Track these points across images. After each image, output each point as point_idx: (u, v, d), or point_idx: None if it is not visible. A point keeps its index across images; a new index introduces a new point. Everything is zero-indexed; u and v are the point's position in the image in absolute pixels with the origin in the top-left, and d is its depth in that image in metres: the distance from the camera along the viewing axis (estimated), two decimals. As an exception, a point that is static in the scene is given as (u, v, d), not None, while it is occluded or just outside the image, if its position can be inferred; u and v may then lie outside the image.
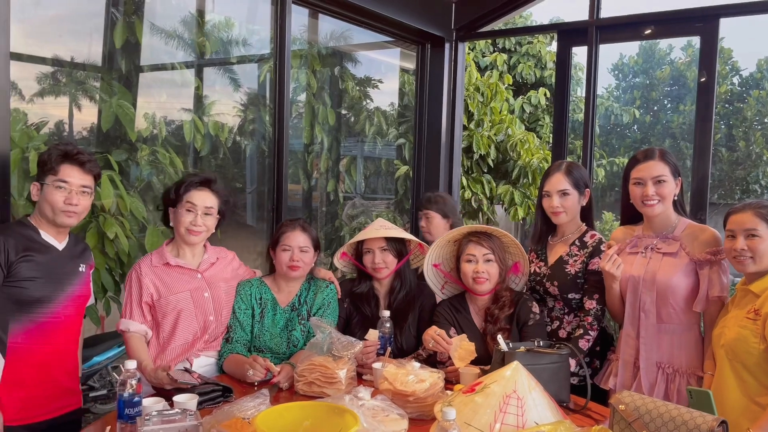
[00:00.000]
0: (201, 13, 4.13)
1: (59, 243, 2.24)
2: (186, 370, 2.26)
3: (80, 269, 2.29)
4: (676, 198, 2.41)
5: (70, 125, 3.61)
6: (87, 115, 3.61)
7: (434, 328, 2.43)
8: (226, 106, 4.36)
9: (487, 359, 2.35)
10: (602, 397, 2.48)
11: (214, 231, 2.55)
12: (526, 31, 8.74)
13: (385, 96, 5.64)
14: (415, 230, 3.77)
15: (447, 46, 4.66)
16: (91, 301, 2.48)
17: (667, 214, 2.42)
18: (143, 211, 3.42)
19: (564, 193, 2.61)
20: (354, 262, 2.81)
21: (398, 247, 2.75)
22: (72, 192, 2.17)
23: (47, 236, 2.20)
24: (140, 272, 2.45)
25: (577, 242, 2.64)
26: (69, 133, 3.63)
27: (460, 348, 2.34)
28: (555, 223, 2.70)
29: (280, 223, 2.74)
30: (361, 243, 2.77)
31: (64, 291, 2.21)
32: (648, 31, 4.15)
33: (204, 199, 2.46)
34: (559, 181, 2.62)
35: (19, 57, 3.21)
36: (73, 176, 2.18)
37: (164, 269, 2.46)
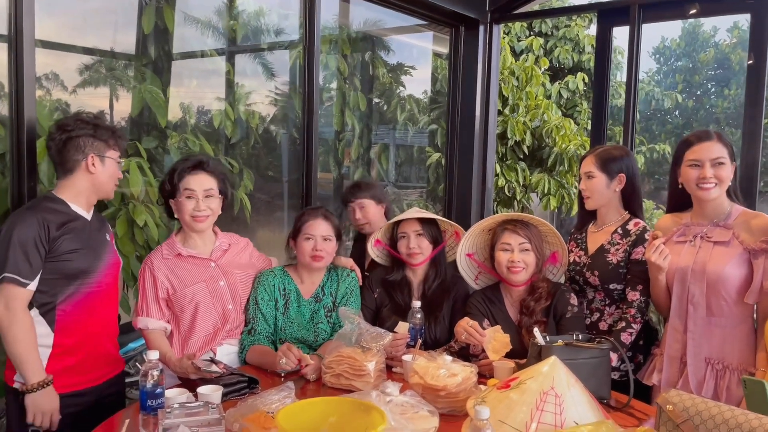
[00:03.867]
0: (231, -1, 4.09)
1: (88, 213, 2.24)
2: (212, 360, 2.22)
3: (107, 238, 2.31)
4: (731, 183, 2.26)
5: (111, 115, 3.61)
6: (123, 105, 3.61)
7: (466, 319, 2.33)
8: (257, 93, 4.32)
9: (523, 353, 2.25)
10: (645, 393, 2.36)
11: (219, 212, 2.47)
12: (563, 12, 8.47)
13: (418, 81, 5.53)
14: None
15: (481, 28, 4.51)
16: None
17: (721, 200, 2.26)
18: (173, 198, 3.40)
19: (589, 176, 2.52)
20: (388, 249, 2.73)
21: (434, 233, 2.66)
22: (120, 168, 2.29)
23: (77, 208, 2.20)
24: (153, 267, 2.38)
25: (619, 230, 2.51)
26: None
27: (494, 340, 2.25)
28: (587, 209, 2.61)
29: (300, 212, 2.67)
30: (395, 229, 2.69)
31: (102, 260, 2.23)
32: (694, 10, 3.94)
33: (201, 183, 2.38)
34: (586, 164, 2.55)
35: (51, 46, 3.21)
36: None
37: (176, 261, 2.40)
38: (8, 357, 2.07)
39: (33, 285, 2.06)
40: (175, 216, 2.45)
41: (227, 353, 2.43)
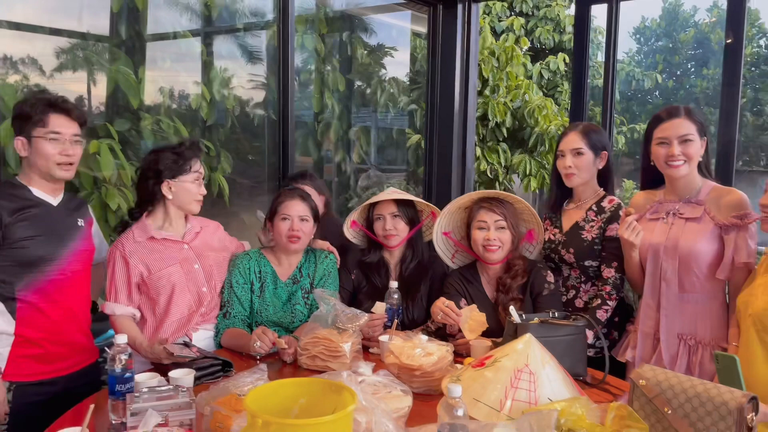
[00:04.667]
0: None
1: (54, 199, 2.16)
2: (185, 343, 2.19)
3: (79, 224, 2.22)
4: (701, 159, 2.26)
5: (89, 99, 3.53)
6: (96, 87, 3.52)
7: (442, 299, 2.33)
8: (233, 75, 4.24)
9: (499, 331, 2.25)
10: (619, 369, 2.37)
11: None
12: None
13: (396, 62, 5.47)
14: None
15: (460, 7, 4.46)
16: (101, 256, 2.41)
17: (692, 177, 2.27)
18: (146, 181, 3.34)
19: (578, 153, 2.48)
20: (365, 230, 2.71)
21: (410, 214, 2.64)
22: (66, 143, 2.09)
23: (39, 193, 2.12)
24: (124, 252, 2.32)
25: (594, 207, 2.51)
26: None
27: (471, 319, 2.24)
28: (569, 186, 2.56)
29: (277, 193, 2.64)
30: (371, 211, 2.66)
31: (67, 247, 2.14)
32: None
33: (200, 166, 2.40)
34: (573, 140, 2.50)
35: (18, 27, 3.12)
36: (64, 126, 2.09)
37: (149, 244, 2.35)
38: None
39: None
40: (168, 197, 2.35)
41: (203, 338, 2.40)
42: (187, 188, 2.36)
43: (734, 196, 2.21)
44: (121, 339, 1.74)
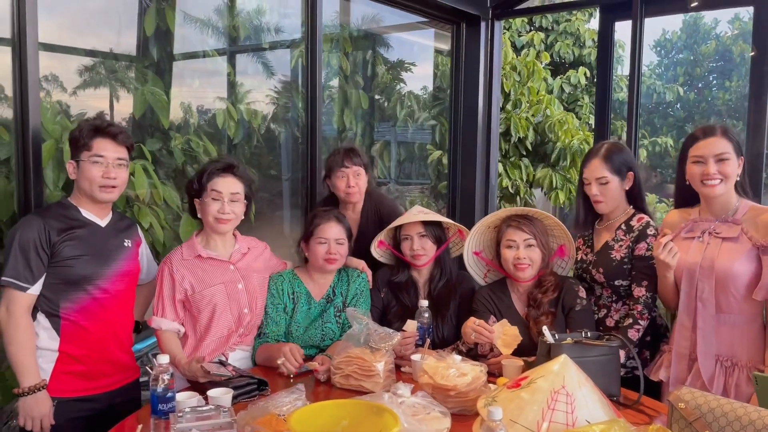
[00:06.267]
0: (232, -1, 4.08)
1: (101, 220, 2.23)
2: (221, 362, 2.22)
3: (125, 244, 2.28)
4: (738, 178, 2.25)
5: (111, 116, 3.60)
6: (125, 106, 3.60)
7: (472, 319, 2.33)
8: (259, 93, 4.30)
9: (531, 347, 2.24)
10: (652, 389, 2.35)
11: (243, 217, 2.45)
12: (566, 6, 8.37)
13: (419, 78, 5.51)
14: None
15: (483, 24, 4.49)
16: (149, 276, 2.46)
17: (728, 196, 2.25)
18: (177, 200, 3.39)
19: (602, 182, 2.46)
20: (392, 250, 2.73)
21: (437, 233, 2.65)
22: (109, 166, 2.16)
23: (88, 214, 2.20)
24: (172, 268, 2.37)
25: (623, 226, 2.50)
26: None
27: (504, 334, 2.25)
28: (599, 212, 2.56)
29: (311, 214, 2.66)
30: (398, 231, 2.68)
31: (110, 267, 2.20)
32: (696, 3, 3.92)
33: (229, 186, 2.37)
34: (597, 168, 2.47)
35: (53, 48, 3.20)
36: (108, 149, 2.17)
37: (196, 262, 2.39)
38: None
39: (34, 289, 2.07)
40: (198, 216, 2.43)
41: (239, 358, 2.43)
42: (207, 207, 2.37)
43: None
44: (163, 359, 1.77)
